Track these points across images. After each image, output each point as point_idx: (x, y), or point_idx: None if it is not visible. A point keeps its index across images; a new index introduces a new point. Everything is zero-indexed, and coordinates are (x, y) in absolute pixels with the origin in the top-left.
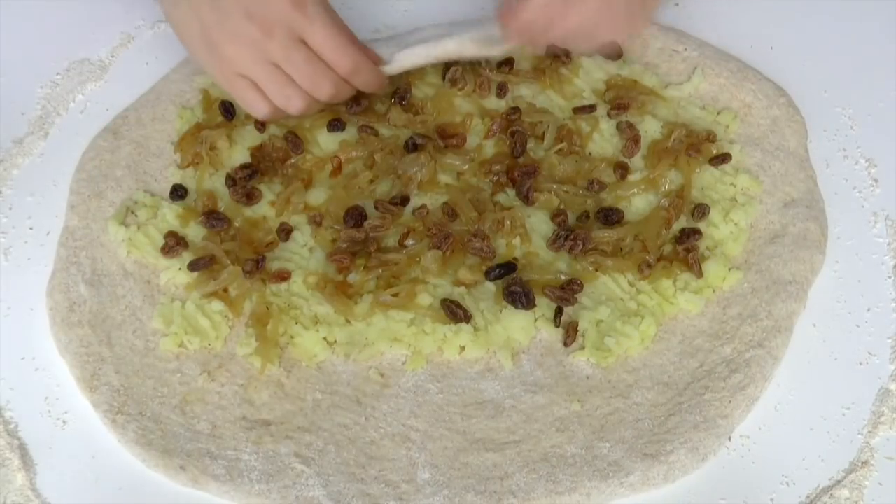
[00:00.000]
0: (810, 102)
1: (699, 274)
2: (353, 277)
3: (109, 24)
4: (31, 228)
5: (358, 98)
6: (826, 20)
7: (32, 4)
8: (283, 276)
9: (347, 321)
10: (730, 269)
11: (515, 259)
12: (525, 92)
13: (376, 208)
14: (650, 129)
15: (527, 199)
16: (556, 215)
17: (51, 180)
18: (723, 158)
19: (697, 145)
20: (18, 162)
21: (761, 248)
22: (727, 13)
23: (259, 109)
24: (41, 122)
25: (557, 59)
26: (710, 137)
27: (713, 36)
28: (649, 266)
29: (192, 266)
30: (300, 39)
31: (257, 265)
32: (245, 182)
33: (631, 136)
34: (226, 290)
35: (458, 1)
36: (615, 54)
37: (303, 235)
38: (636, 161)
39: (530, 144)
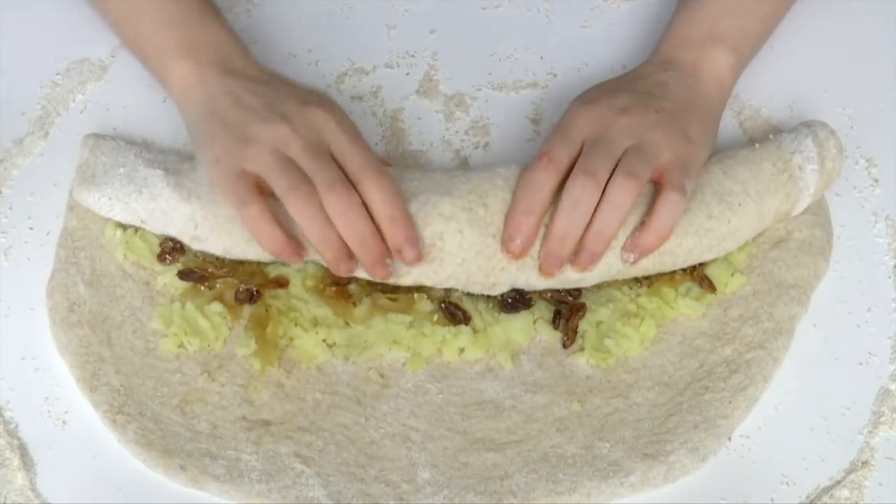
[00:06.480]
0: (810, 102)
1: (710, 288)
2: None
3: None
4: (31, 228)
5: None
6: (826, 20)
7: (32, 4)
8: (282, 284)
9: (346, 323)
10: (732, 274)
11: None
12: None
13: None
14: None
15: None
16: None
17: (51, 180)
18: None
19: None
20: (18, 162)
21: (765, 252)
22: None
23: (269, 236)
24: (41, 122)
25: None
26: None
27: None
28: (647, 277)
29: (183, 276)
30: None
31: (251, 297)
32: None
33: None
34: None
35: (459, 2)
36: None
37: None
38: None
39: None
